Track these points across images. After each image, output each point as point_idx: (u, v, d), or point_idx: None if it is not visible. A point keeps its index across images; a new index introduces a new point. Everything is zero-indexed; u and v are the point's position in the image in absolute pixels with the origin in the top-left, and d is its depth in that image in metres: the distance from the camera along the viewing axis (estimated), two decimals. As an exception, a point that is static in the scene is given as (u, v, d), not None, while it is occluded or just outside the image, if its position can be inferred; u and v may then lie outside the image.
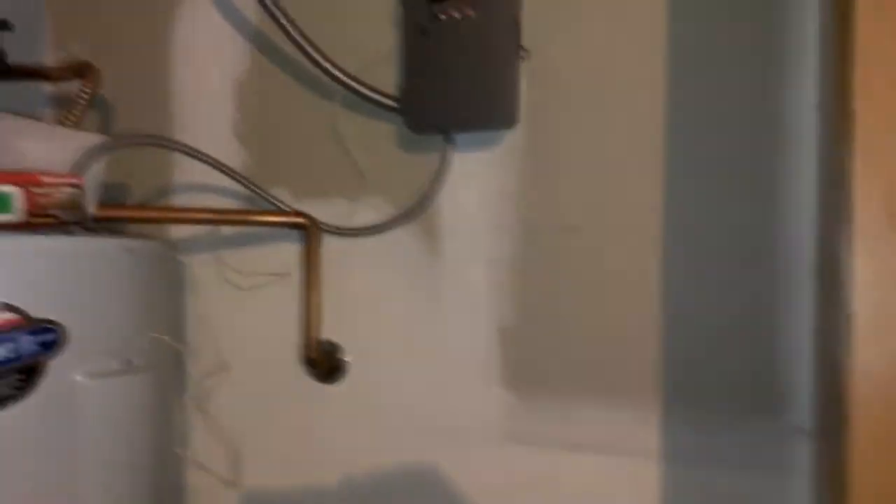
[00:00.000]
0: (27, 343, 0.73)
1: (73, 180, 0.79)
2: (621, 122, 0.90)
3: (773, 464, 0.84)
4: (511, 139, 0.96)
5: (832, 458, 0.65)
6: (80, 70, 1.04)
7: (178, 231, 1.12)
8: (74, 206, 0.77)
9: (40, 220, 0.75)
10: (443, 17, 0.93)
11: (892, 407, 0.56)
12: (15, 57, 1.06)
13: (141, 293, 0.89)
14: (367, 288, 1.03)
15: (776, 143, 0.84)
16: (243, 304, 1.09)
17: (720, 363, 0.86)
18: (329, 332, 1.04)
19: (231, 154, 1.08)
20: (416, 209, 0.99)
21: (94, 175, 0.88)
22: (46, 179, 0.75)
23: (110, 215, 0.92)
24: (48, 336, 0.75)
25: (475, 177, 0.98)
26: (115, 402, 0.83)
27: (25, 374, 0.74)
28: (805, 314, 0.83)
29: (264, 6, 0.97)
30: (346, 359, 1.04)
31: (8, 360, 0.73)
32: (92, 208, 0.88)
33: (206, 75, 1.11)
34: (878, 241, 0.56)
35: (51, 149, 0.86)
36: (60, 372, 0.77)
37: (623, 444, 0.90)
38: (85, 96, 1.01)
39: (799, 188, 0.83)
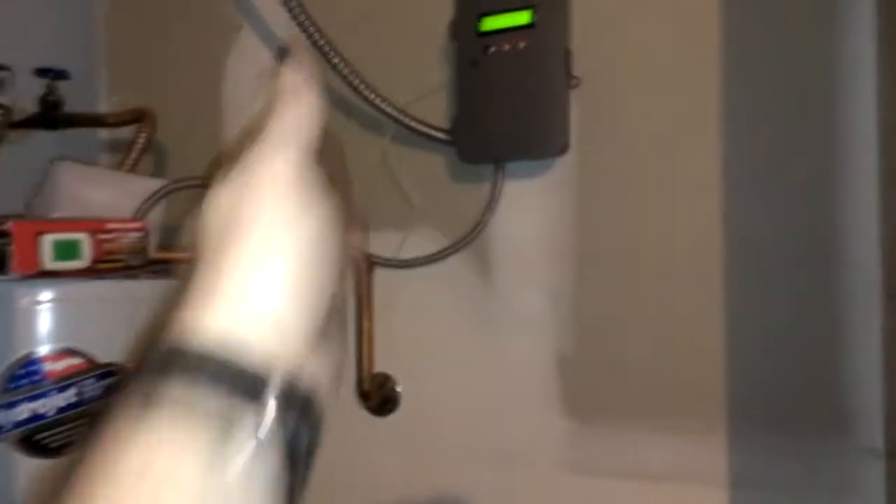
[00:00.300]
0: (91, 387, 0.73)
1: (138, 225, 0.80)
2: (675, 144, 0.89)
3: (843, 487, 0.81)
4: (562, 166, 0.95)
5: None
6: (137, 116, 1.06)
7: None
8: (139, 250, 0.78)
9: (107, 266, 0.76)
10: (493, 48, 0.93)
11: None
12: (71, 104, 1.08)
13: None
14: (420, 319, 1.02)
15: (835, 157, 0.82)
16: None
17: (787, 384, 0.84)
18: (382, 364, 1.03)
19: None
20: (469, 238, 0.99)
21: (155, 217, 0.89)
22: (112, 226, 0.76)
23: (169, 258, 0.92)
24: (112, 380, 0.75)
25: (527, 204, 0.97)
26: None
27: (91, 419, 0.74)
28: (874, 329, 0.80)
29: (313, 43, 0.97)
30: (398, 390, 1.04)
31: (72, 406, 0.73)
32: (151, 251, 0.89)
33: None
34: None
35: (114, 194, 0.87)
36: (128, 415, 0.76)
37: (689, 470, 0.87)
38: (142, 141, 1.03)
39: (862, 204, 0.81)
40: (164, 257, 0.91)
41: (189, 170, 1.10)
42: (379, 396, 1.03)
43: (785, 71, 0.84)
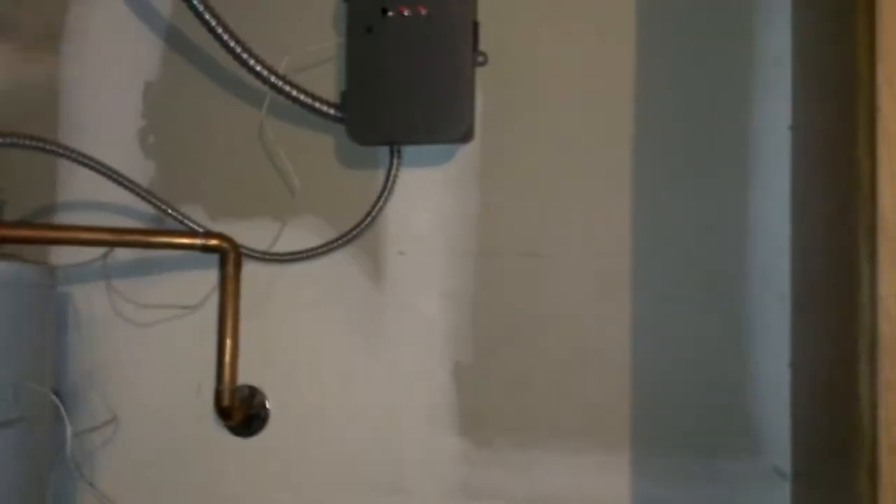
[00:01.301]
0: None
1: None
2: (587, 137, 0.84)
3: None
4: (465, 154, 0.87)
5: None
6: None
7: (62, 255, 0.95)
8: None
9: None
10: (391, 13, 0.84)
11: None
12: None
13: (7, 330, 0.70)
14: (296, 322, 0.91)
15: (748, 164, 0.80)
16: (142, 342, 0.94)
17: (693, 401, 0.80)
18: (249, 375, 0.90)
19: (134, 165, 0.94)
20: (357, 231, 0.88)
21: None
22: None
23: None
24: None
25: (426, 196, 0.88)
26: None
27: None
28: (780, 346, 0.78)
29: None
30: (267, 406, 0.91)
31: None
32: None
33: (106, 72, 0.96)
34: None
35: None
36: None
37: (592, 493, 0.82)
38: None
39: (772, 214, 0.78)
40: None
41: (11, 126, 0.91)
42: (243, 413, 0.90)
43: (703, 65, 0.81)
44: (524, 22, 0.85)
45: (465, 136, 0.85)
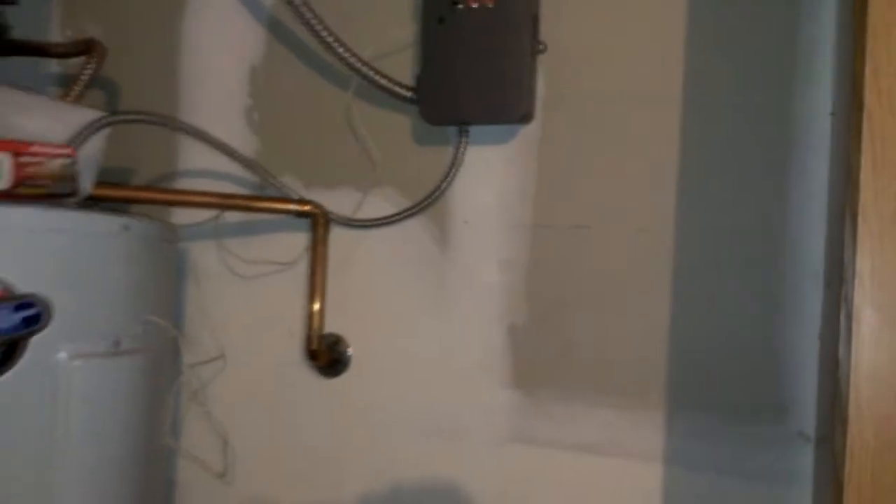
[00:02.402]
0: (7, 318, 0.65)
1: (66, 151, 0.72)
2: (637, 122, 0.86)
3: (774, 470, 0.80)
4: (526, 134, 0.91)
5: (831, 460, 0.58)
6: (85, 47, 0.97)
7: (181, 216, 1.05)
8: (66, 178, 0.70)
9: (30, 191, 0.68)
10: (461, 6, 0.88)
11: (893, 408, 0.51)
12: (21, 32, 0.99)
13: (135, 274, 0.82)
14: (374, 281, 0.97)
15: (789, 148, 0.80)
16: (245, 293, 1.03)
17: (726, 367, 0.82)
18: (333, 324, 0.98)
19: (241, 140, 1.02)
20: (428, 202, 0.94)
21: (93, 151, 0.81)
22: (37, 149, 0.69)
23: (108, 194, 0.85)
24: (31, 311, 0.68)
25: (489, 172, 0.92)
26: (101, 385, 0.76)
27: (5, 350, 0.67)
28: (811, 319, 0.79)
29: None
30: (348, 352, 0.98)
31: (-14, 336, 0.66)
32: (89, 185, 0.81)
33: (218, 59, 1.05)
34: (886, 238, 0.49)
35: (49, 123, 0.79)
36: (43, 350, 0.70)
37: (626, 446, 0.86)
38: (88, 73, 0.94)
39: (810, 193, 0.79)
40: (102, 193, 0.83)
41: (141, 107, 1.05)
42: (328, 357, 0.98)
43: (749, 59, 0.82)
44: (581, 14, 0.88)
45: (525, 118, 0.88)
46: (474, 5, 0.88)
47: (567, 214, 0.89)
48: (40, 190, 0.69)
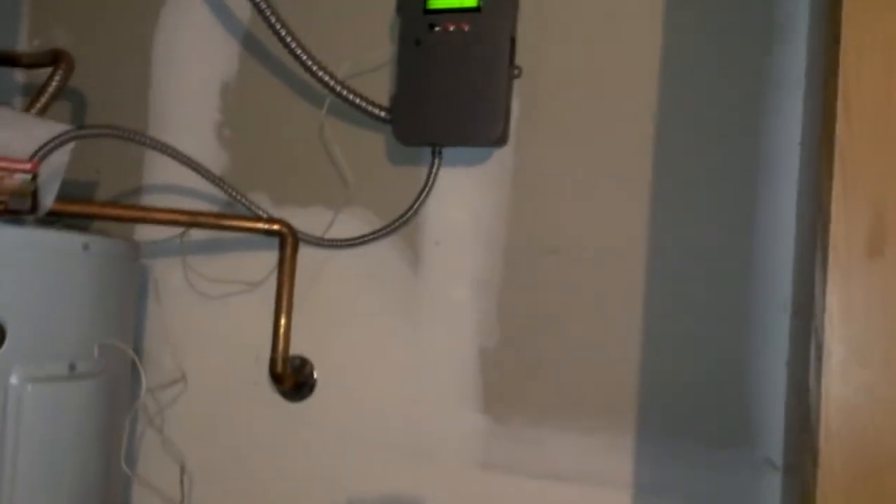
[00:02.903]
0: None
1: (27, 167, 0.69)
2: (610, 146, 0.86)
3: (743, 497, 0.79)
4: (499, 157, 0.90)
5: (801, 491, 0.58)
6: (53, 57, 0.94)
7: (145, 232, 1.03)
8: (24, 193, 0.67)
9: (-16, 206, 0.65)
10: (437, 28, 0.88)
11: (862, 441, 0.51)
12: (-11, 40, 0.97)
13: (94, 295, 0.79)
14: (344, 302, 0.96)
15: (758, 177, 0.81)
16: (209, 313, 1.00)
17: (696, 393, 0.82)
18: (299, 346, 0.96)
19: (210, 156, 1.01)
20: (400, 223, 0.93)
21: (57, 166, 0.79)
22: (-4, 162, 0.66)
23: (71, 210, 0.82)
24: (-22, 330, 0.64)
25: (462, 193, 0.92)
26: (55, 409, 0.72)
27: (-49, 374, 0.64)
28: (779, 348, 0.79)
29: (255, 6, 0.89)
30: (315, 375, 0.96)
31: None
32: (50, 201, 0.78)
33: (190, 73, 1.04)
34: (854, 272, 0.49)
35: (12, 135, 0.76)
36: (-6, 373, 0.66)
37: (596, 473, 0.85)
38: (55, 84, 0.92)
39: (779, 223, 0.80)
40: (64, 209, 0.80)
41: (109, 121, 1.03)
42: (293, 380, 0.96)
43: (720, 80, 0.83)
44: (557, 39, 0.88)
45: (500, 140, 0.88)
46: (451, 28, 0.88)
47: (538, 237, 0.88)
48: (-5, 206, 0.66)
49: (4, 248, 0.68)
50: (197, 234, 1.00)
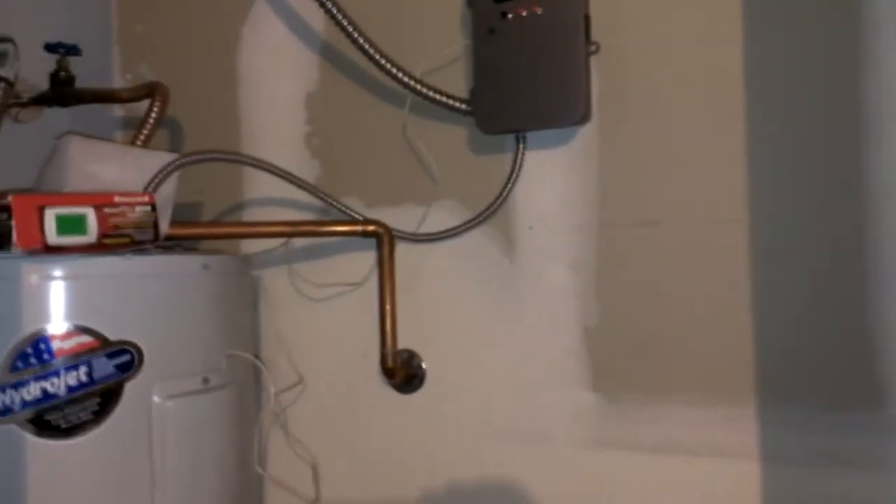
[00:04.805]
0: (103, 366, 0.67)
1: (146, 199, 0.73)
2: (698, 115, 0.82)
3: (876, 459, 0.75)
4: (583, 135, 0.88)
5: None
6: (149, 90, 0.99)
7: (251, 245, 1.06)
8: (147, 225, 0.71)
9: (115, 241, 0.69)
10: (510, 15, 0.87)
11: None
12: (84, 81, 1.01)
13: (217, 310, 0.83)
14: (444, 293, 0.96)
15: (860, 131, 0.75)
16: (317, 315, 1.03)
17: (815, 356, 0.78)
18: (406, 340, 0.97)
19: (302, 166, 1.03)
20: (491, 211, 0.92)
21: (167, 193, 0.82)
22: (119, 199, 0.70)
23: (184, 234, 0.86)
24: (124, 357, 0.69)
25: (549, 175, 0.90)
26: (194, 422, 0.77)
27: (102, 398, 0.68)
28: None
29: (330, 15, 0.91)
30: (424, 367, 0.97)
31: (83, 385, 0.67)
32: (166, 227, 0.82)
33: (275, 89, 1.06)
34: None
35: (123, 169, 0.81)
36: (138, 394, 0.71)
37: (717, 444, 0.81)
38: (154, 115, 0.96)
39: (890, 182, 0.74)
40: (178, 233, 0.84)
41: (204, 144, 1.07)
42: (404, 373, 0.97)
43: (813, 47, 0.77)
44: (633, 10, 0.85)
45: (583, 119, 0.86)
46: (524, 13, 0.86)
47: (633, 211, 0.86)
48: (124, 240, 0.70)
49: (134, 277, 0.72)
50: (299, 242, 1.02)
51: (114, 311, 0.71)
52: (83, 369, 0.68)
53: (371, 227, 0.96)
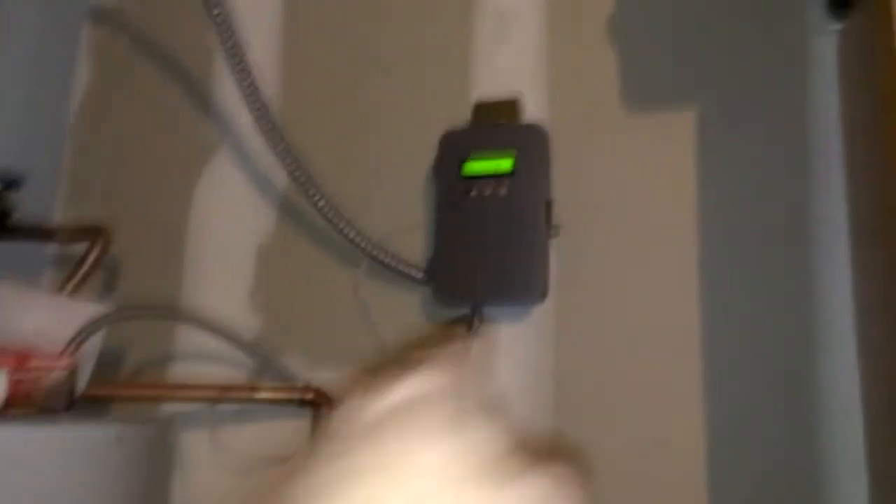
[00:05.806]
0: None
1: (64, 363, 0.65)
2: (650, 298, 0.85)
3: None
4: (539, 313, 0.88)
5: None
6: (90, 233, 0.92)
7: (174, 405, 0.97)
8: (61, 392, 0.63)
9: (20, 411, 0.60)
10: (473, 193, 0.88)
11: None
12: (26, 211, 0.95)
13: (126, 485, 0.73)
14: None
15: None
16: (241, 489, 0.92)
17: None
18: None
19: (244, 318, 0.97)
20: (443, 385, 0.87)
21: (90, 350, 0.75)
22: (35, 363, 0.62)
23: (102, 394, 0.77)
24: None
25: (503, 351, 0.88)
26: None
27: None
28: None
29: (290, 173, 0.89)
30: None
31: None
32: (83, 385, 0.74)
33: (226, 239, 1.02)
34: None
35: (49, 320, 0.73)
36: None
37: None
38: (93, 258, 0.89)
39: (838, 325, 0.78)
40: (95, 393, 0.75)
41: (143, 288, 1.01)
42: None
43: (761, 222, 0.83)
44: (593, 198, 0.88)
45: (541, 297, 0.86)
46: (487, 193, 0.87)
47: (586, 393, 0.85)
48: (30, 409, 0.61)
49: (33, 451, 0.62)
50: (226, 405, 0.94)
51: (10, 484, 0.61)
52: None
53: (310, 395, 0.89)
